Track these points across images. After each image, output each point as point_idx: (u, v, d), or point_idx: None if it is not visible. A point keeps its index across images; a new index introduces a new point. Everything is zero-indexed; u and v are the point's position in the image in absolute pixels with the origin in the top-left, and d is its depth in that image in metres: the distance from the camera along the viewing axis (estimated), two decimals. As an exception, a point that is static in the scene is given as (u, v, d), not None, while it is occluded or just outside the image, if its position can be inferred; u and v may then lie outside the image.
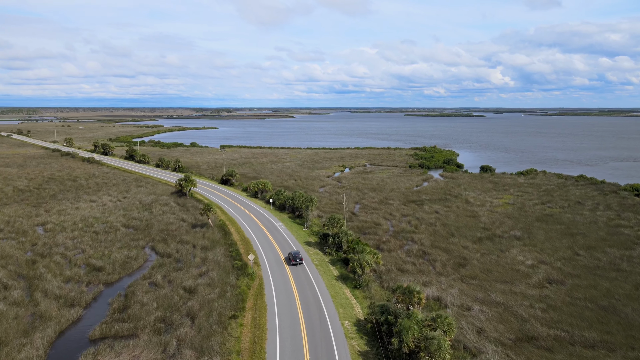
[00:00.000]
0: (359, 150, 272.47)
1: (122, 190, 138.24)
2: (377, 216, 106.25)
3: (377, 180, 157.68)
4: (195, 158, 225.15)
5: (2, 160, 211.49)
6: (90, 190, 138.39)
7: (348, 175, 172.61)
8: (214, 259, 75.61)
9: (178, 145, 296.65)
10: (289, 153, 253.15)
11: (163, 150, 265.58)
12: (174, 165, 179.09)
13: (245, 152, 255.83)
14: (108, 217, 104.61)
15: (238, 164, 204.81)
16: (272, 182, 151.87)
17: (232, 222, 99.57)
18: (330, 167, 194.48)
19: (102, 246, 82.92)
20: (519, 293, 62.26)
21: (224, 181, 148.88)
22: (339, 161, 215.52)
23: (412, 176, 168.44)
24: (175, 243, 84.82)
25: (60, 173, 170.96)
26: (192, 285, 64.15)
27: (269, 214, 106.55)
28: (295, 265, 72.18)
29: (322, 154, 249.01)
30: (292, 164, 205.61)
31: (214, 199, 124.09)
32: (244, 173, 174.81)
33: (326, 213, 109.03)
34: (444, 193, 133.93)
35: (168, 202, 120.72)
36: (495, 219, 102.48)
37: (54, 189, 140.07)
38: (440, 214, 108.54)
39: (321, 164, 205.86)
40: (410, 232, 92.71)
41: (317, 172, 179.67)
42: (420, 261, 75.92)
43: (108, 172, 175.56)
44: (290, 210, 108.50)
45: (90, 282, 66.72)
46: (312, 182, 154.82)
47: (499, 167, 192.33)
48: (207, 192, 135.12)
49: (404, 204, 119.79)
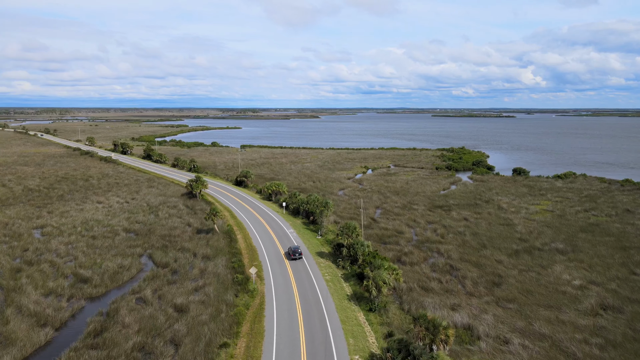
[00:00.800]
0: (383, 150, 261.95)
1: (132, 191, 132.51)
2: (399, 223, 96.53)
3: (401, 183, 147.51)
4: (213, 158, 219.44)
5: (22, 158, 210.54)
6: (100, 190, 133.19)
7: (370, 177, 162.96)
8: (214, 270, 67.59)
9: (198, 145, 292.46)
10: (310, 153, 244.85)
11: (183, 150, 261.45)
12: (190, 166, 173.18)
13: (266, 152, 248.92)
14: (111, 220, 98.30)
15: (256, 164, 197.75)
16: (289, 184, 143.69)
17: (240, 228, 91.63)
18: (351, 169, 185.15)
19: (96, 253, 76.10)
20: (568, 322, 51.76)
21: (238, 182, 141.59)
22: (362, 162, 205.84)
23: (439, 179, 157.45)
24: (174, 251, 77.30)
25: (74, 172, 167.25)
26: (183, 303, 56.17)
27: (281, 219, 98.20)
28: (295, 260, 71.77)
29: (344, 154, 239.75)
30: (312, 164, 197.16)
31: (224, 202, 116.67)
32: (260, 174, 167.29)
33: (344, 219, 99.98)
34: (473, 198, 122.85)
35: (177, 204, 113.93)
36: (532, 229, 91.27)
37: (64, 188, 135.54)
38: (469, 221, 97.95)
39: (342, 165, 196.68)
40: (436, 243, 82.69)
41: (337, 173, 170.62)
42: (447, 277, 66.03)
43: (122, 171, 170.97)
44: (304, 215, 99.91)
45: (72, 296, 59.60)
46: (331, 184, 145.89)
47: (534, 170, 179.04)
48: (219, 193, 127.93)
49: (429, 210, 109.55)
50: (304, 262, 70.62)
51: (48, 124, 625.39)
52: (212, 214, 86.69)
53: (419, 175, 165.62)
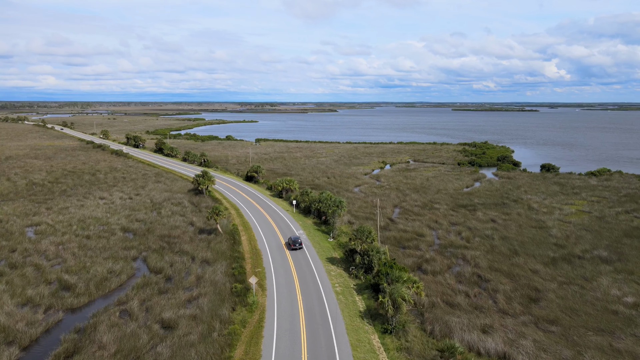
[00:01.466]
0: (402, 145, 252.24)
1: (138, 186, 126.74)
2: (419, 224, 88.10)
3: (421, 180, 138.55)
4: (226, 152, 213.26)
5: (34, 151, 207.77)
6: (105, 185, 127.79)
7: (388, 172, 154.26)
8: (212, 278, 60.49)
9: (213, 139, 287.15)
10: (326, 147, 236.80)
11: (196, 144, 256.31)
12: (200, 160, 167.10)
13: (280, 146, 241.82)
14: (110, 217, 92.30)
15: (270, 158, 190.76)
16: (302, 180, 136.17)
17: (246, 228, 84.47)
18: (369, 164, 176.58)
19: (87, 256, 69.81)
20: (625, 353, 43.05)
21: (248, 178, 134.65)
22: (380, 157, 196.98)
23: (462, 175, 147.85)
24: (172, 254, 70.53)
25: (83, 166, 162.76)
26: (172, 318, 49.17)
27: (290, 219, 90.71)
28: (295, 250, 70.75)
29: (361, 148, 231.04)
30: (327, 159, 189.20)
31: (232, 198, 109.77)
32: (273, 169, 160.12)
33: (359, 219, 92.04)
34: (500, 196, 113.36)
35: (182, 201, 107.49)
36: (569, 232, 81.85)
37: (69, 183, 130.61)
38: (497, 223, 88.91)
39: (359, 159, 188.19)
40: (461, 248, 74.14)
41: (353, 169, 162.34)
42: (475, 290, 57.66)
43: (132, 165, 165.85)
44: (316, 215, 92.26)
45: (51, 306, 53.20)
46: (346, 180, 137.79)
47: (563, 166, 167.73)
48: (227, 190, 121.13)
49: (452, 209, 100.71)
50: (313, 270, 62.98)
51: (68, 117, 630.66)
52: (214, 213, 79.65)
53: (440, 172, 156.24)
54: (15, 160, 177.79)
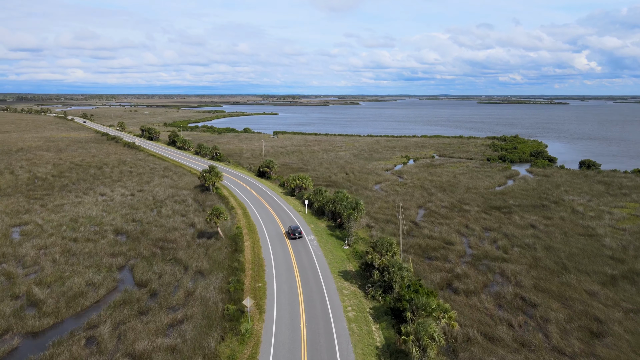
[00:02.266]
0: (427, 138, 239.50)
1: (143, 181, 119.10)
2: (447, 229, 77.35)
3: (448, 176, 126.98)
4: (241, 145, 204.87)
5: (47, 143, 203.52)
6: (109, 180, 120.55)
7: (412, 168, 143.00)
8: (203, 295, 51.42)
9: (230, 131, 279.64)
10: (346, 141, 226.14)
11: (213, 136, 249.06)
12: (212, 153, 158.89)
13: (298, 140, 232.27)
14: (105, 217, 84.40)
15: (286, 152, 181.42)
16: (318, 176, 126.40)
17: (251, 231, 75.26)
18: (390, 158, 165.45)
19: (68, 263, 61.66)
20: None
21: (260, 173, 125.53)
22: (402, 151, 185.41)
23: (492, 172, 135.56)
24: (163, 263, 61.82)
25: (91, 159, 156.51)
26: (145, 351, 40.22)
27: (301, 221, 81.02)
28: (295, 239, 69.88)
29: (383, 142, 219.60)
30: (346, 153, 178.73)
31: (240, 196, 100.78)
32: (288, 163, 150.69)
33: (379, 222, 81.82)
34: (538, 197, 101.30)
35: (185, 198, 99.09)
36: (626, 242, 69.89)
37: (72, 177, 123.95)
38: (538, 229, 77.38)
39: (381, 154, 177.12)
40: (498, 260, 63.27)
41: (374, 164, 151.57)
42: (520, 318, 46.99)
43: (141, 159, 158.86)
44: (330, 217, 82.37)
45: (8, 329, 44.93)
46: (366, 176, 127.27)
47: (605, 163, 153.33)
48: (237, 186, 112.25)
49: (484, 211, 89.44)
50: (322, 287, 53.15)
51: (91, 109, 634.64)
52: (214, 215, 70.55)
53: (468, 168, 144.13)
54: (25, 152, 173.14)
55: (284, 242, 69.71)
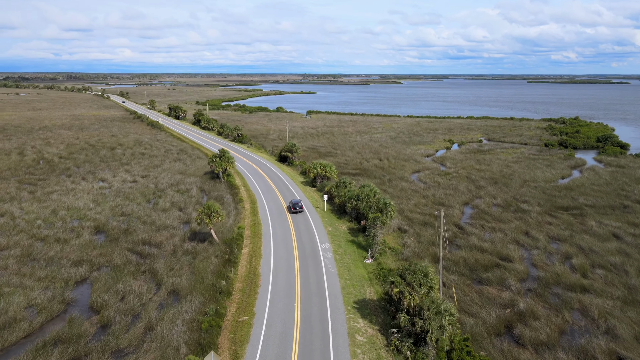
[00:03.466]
0: (473, 120, 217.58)
1: (153, 165, 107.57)
2: (502, 237, 60.58)
3: (499, 165, 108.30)
4: (270, 125, 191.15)
5: (72, 122, 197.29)
6: (117, 163, 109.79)
7: (456, 154, 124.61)
8: (165, 333, 37.89)
9: (261, 110, 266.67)
10: (383, 122, 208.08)
11: (243, 115, 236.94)
12: (234, 134, 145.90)
13: (332, 120, 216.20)
14: (93, 209, 72.73)
15: (317, 133, 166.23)
16: (347, 163, 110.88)
17: (254, 234, 61.32)
18: (432, 142, 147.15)
19: (19, 273, 49.75)
20: None
21: (281, 158, 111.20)
22: (446, 134, 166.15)
23: (553, 160, 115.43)
24: (133, 276, 48.86)
25: (108, 139, 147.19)
26: None
27: (318, 221, 66.21)
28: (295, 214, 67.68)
29: (424, 123, 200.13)
30: (382, 135, 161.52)
31: (253, 185, 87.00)
32: (315, 147, 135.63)
33: (414, 224, 65.97)
34: (615, 194, 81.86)
35: (190, 187, 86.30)
36: None
37: (80, 159, 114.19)
38: (625, 241, 59.23)
39: (421, 137, 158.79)
40: (576, 289, 46.33)
41: (413, 148, 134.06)
42: (622, 399, 30.57)
43: (160, 139, 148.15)
44: (353, 217, 67.10)
45: None
46: (402, 164, 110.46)
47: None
48: (252, 172, 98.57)
49: (548, 213, 71.58)
50: (328, 330, 38.32)
51: (133, 87, 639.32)
52: (204, 215, 56.83)
53: (522, 155, 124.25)
54: (45, 131, 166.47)
55: (292, 250, 55.22)
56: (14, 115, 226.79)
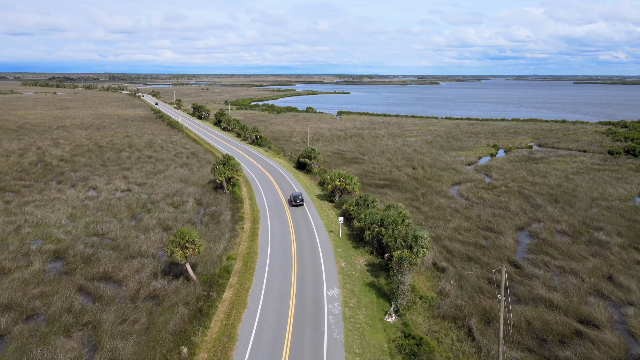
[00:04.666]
0: (519, 122, 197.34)
1: (156, 170, 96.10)
2: (576, 283, 44.48)
3: (557, 178, 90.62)
4: (295, 126, 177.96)
5: (93, 120, 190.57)
6: (118, 168, 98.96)
7: (503, 163, 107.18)
8: None
9: (290, 110, 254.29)
10: (419, 124, 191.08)
11: (270, 115, 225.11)
12: (252, 136, 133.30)
13: (363, 121, 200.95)
14: (65, 225, 61.04)
15: (344, 136, 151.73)
16: (375, 172, 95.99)
17: (245, 269, 47.60)
18: (474, 148, 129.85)
19: None
20: None
21: (300, 165, 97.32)
22: (489, 138, 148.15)
23: (623, 172, 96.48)
24: (67, 333, 35.97)
25: (121, 140, 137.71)
26: None
27: (329, 252, 51.79)
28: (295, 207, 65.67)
29: (464, 126, 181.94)
30: (417, 139, 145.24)
31: (261, 199, 73.48)
32: (341, 151, 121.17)
33: (453, 257, 50.60)
34: None
35: (187, 199, 73.66)
36: None
37: (80, 162, 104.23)
38: None
39: (461, 141, 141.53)
40: None
41: (452, 155, 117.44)
42: None
43: (174, 141, 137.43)
44: (375, 247, 52.28)
45: None
46: (440, 173, 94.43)
47: None
48: (263, 181, 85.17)
49: (634, 246, 54.46)
50: None
51: (168, 87, 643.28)
52: (176, 245, 43.42)
53: (584, 164, 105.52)
54: (61, 130, 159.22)
55: (287, 298, 41.07)
56: (39, 113, 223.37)
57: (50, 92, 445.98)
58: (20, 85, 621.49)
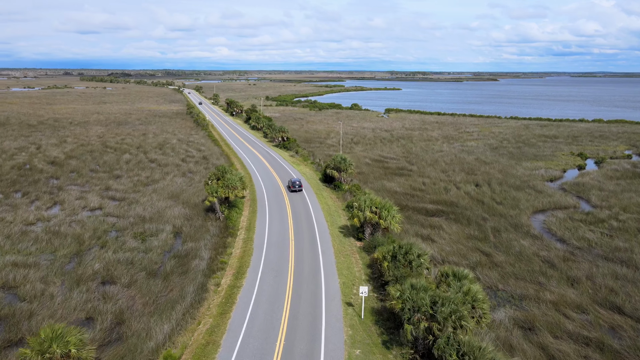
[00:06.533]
0: (603, 124, 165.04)
1: (149, 180, 77.79)
2: None
3: (691, 207, 63.28)
4: (334, 126, 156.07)
5: (120, 116, 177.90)
6: (107, 175, 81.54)
7: (600, 179, 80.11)
8: None
9: (333, 107, 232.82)
10: (479, 124, 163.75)
11: (310, 113, 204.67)
12: (279, 137, 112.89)
13: (413, 120, 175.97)
14: (-27, 268, 42.83)
15: (391, 138, 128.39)
16: (426, 189, 72.74)
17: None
18: (553, 157, 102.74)
19: None
20: None
21: (326, 178, 75.38)
22: (570, 143, 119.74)
23: None
24: None
25: (132, 140, 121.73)
26: None
27: (338, 344, 29.86)
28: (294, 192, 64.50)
29: (535, 127, 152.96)
30: (479, 144, 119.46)
31: (262, 229, 52.50)
32: (384, 159, 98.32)
33: (546, 352, 27.00)
34: None
35: (164, 228, 54.05)
36: None
37: (71, 166, 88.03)
38: None
39: (535, 147, 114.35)
40: None
41: (526, 166, 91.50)
42: None
43: (191, 141, 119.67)
44: (419, 348, 29.68)
45: None
46: (514, 194, 69.50)
47: None
48: (276, 200, 64.09)
49: None
50: None
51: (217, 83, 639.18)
52: None
53: None
54: (78, 127, 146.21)
55: None
56: (72, 108, 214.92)
57: (100, 87, 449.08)
58: (78, 81, 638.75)
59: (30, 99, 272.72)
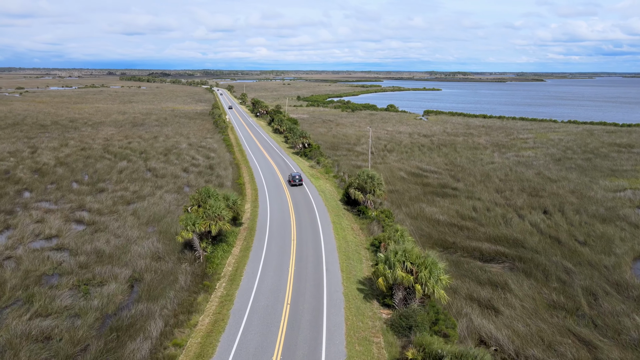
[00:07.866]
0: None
1: (132, 197, 64.39)
2: None
3: None
4: (366, 129, 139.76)
5: (139, 115, 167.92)
6: (89, 188, 68.82)
7: None
8: None
9: (367, 108, 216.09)
10: (533, 129, 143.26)
11: (341, 114, 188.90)
12: (299, 143, 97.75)
13: (456, 124, 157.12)
14: None
15: (431, 145, 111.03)
16: (478, 215, 55.80)
17: None
18: (636, 173, 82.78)
19: None
20: None
21: (349, 200, 59.32)
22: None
23: None
24: None
25: (139, 144, 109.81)
26: None
27: None
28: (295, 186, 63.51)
29: (601, 134, 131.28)
30: (537, 153, 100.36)
31: (253, 279, 37.33)
32: (422, 171, 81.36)
33: None
34: None
35: (120, 273, 39.76)
36: None
37: (57, 174, 76.13)
38: None
39: (609, 159, 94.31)
40: None
41: (604, 185, 72.44)
42: None
43: (204, 145, 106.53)
44: None
45: None
46: (599, 228, 51.38)
47: None
48: (282, 229, 48.83)
49: None
50: None
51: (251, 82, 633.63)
52: None
53: None
54: (89, 128, 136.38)
55: None
56: (96, 107, 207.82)
57: (135, 86, 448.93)
58: (117, 80, 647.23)
59: (61, 97, 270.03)
